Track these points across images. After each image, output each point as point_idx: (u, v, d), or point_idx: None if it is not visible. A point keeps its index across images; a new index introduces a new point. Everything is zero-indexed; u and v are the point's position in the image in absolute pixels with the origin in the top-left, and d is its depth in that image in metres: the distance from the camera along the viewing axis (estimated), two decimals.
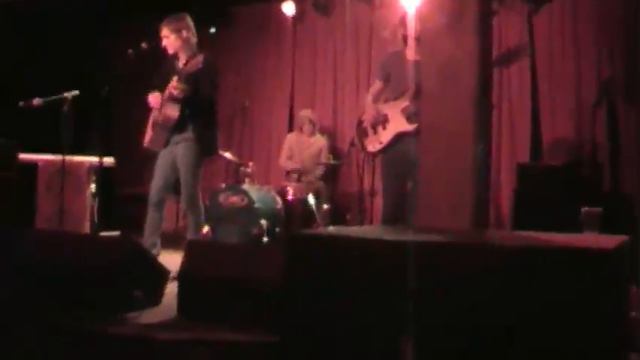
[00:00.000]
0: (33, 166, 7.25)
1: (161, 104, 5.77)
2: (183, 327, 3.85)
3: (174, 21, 5.92)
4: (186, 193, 5.80)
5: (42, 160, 7.23)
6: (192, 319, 3.99)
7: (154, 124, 5.88)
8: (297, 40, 9.27)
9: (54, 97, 6.39)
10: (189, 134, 5.75)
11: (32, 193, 7.18)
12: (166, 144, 5.83)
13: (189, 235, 5.86)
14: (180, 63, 5.91)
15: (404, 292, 2.57)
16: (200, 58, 5.64)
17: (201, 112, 5.78)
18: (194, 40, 6.00)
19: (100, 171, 7.17)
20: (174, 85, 5.61)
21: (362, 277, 2.71)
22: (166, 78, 5.81)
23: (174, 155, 5.81)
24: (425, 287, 2.56)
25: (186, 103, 5.69)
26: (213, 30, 9.19)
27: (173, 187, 5.95)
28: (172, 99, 5.68)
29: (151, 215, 5.86)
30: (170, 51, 5.91)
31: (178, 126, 5.75)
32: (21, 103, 6.44)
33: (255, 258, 4.15)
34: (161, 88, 5.84)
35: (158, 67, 6.10)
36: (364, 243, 2.82)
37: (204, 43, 9.18)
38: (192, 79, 5.65)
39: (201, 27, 9.04)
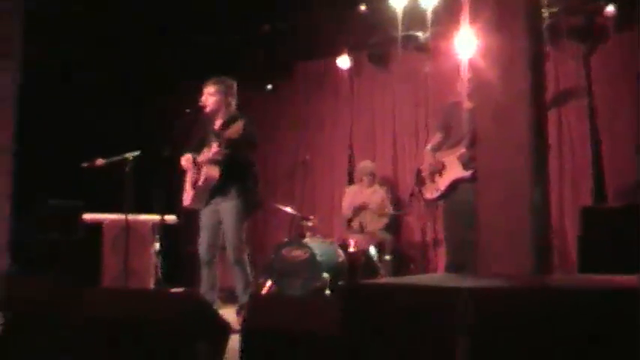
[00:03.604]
0: (98, 225, 7.41)
1: (200, 165, 5.91)
2: None
3: (225, 83, 6.04)
4: (232, 250, 5.91)
5: (107, 219, 7.37)
6: None
7: (194, 185, 5.99)
8: (355, 92, 9.36)
9: (116, 158, 6.54)
10: (232, 194, 5.88)
11: (98, 252, 7.31)
12: (207, 203, 5.96)
13: (239, 291, 5.95)
14: (217, 124, 6.02)
15: (463, 340, 2.54)
16: (240, 124, 5.70)
17: (241, 173, 5.92)
18: (234, 105, 6.08)
19: (164, 229, 7.30)
20: (215, 151, 5.76)
21: (419, 325, 2.68)
22: (202, 139, 5.97)
23: (218, 214, 5.95)
24: (484, 333, 2.53)
25: (226, 165, 5.82)
26: (270, 87, 9.38)
27: (220, 244, 6.03)
28: (213, 161, 5.81)
29: (204, 274, 6.00)
30: (208, 109, 5.99)
31: (220, 186, 5.88)
32: (84, 164, 6.62)
33: (318, 311, 4.14)
34: (195, 149, 6.00)
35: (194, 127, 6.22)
36: (419, 290, 2.80)
37: (263, 98, 9.46)
38: (232, 144, 5.75)
39: (261, 83, 9.37)
